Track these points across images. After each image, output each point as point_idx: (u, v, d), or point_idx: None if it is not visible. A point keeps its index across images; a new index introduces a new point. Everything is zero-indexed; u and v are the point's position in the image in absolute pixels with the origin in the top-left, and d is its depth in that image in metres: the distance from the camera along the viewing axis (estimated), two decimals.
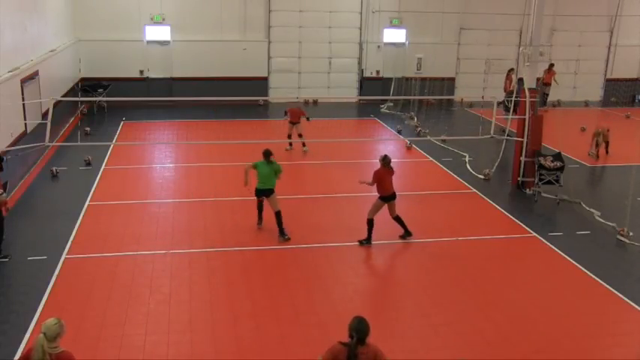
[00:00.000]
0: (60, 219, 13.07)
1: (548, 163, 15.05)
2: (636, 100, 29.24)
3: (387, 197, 12.09)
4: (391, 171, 12.22)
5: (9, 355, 8.31)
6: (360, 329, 6.18)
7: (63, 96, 20.45)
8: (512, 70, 24.85)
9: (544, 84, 26.07)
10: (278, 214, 12.27)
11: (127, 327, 9.07)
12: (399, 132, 21.68)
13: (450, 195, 15.46)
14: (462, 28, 27.87)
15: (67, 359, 6.00)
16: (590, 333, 9.33)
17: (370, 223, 12.09)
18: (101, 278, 10.53)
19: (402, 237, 12.36)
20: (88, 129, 20.59)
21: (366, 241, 12.10)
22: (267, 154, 12.64)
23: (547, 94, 26.53)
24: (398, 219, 12.29)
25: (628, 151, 19.23)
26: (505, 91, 23.83)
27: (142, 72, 25.49)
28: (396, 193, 12.17)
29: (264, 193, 12.40)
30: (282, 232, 12.27)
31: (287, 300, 10.01)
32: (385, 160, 12.17)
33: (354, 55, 27.47)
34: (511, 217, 14.03)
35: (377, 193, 12.08)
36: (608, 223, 13.50)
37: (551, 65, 26.57)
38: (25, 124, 15.76)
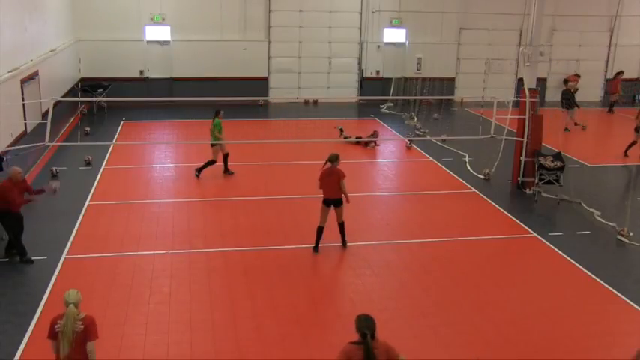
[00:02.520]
0: (60, 219, 13.08)
1: (548, 163, 15.05)
2: (636, 100, 29.24)
3: (329, 202, 11.57)
4: (336, 172, 11.47)
5: (9, 355, 8.32)
6: (369, 325, 6.21)
7: (63, 96, 20.44)
8: (621, 72, 25.48)
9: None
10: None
11: (127, 327, 9.08)
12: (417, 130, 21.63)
13: (450, 195, 15.45)
14: (462, 28, 27.86)
15: (91, 321, 6.71)
16: (590, 333, 9.33)
17: (319, 231, 11.60)
18: (101, 278, 10.54)
19: (342, 244, 12.00)
20: (88, 129, 20.59)
21: (314, 249, 11.68)
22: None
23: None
24: (341, 226, 11.80)
25: (629, 150, 19.24)
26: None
27: (142, 72, 25.49)
28: (342, 200, 11.65)
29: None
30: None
31: (287, 300, 10.01)
32: (330, 159, 11.51)
33: (354, 55, 27.47)
34: (511, 217, 14.03)
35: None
36: (608, 223, 13.50)
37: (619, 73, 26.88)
38: (25, 124, 15.76)
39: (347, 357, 6.11)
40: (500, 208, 14.52)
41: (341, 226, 11.85)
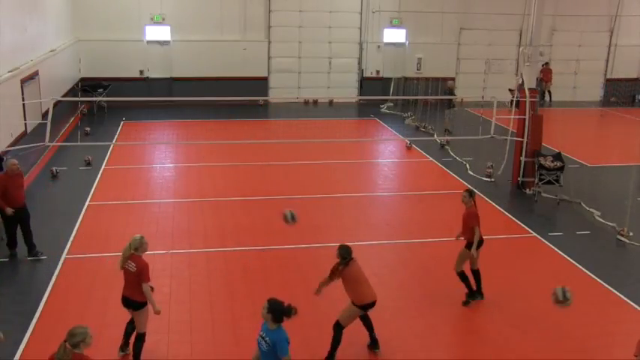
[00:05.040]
0: (60, 219, 13.07)
1: (548, 163, 15.05)
2: (636, 100, 29.25)
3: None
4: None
5: (9, 355, 8.32)
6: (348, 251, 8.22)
7: (63, 96, 20.44)
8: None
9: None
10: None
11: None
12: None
13: (450, 195, 15.43)
14: (462, 28, 27.87)
15: (144, 265, 7.83)
16: (590, 333, 9.33)
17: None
18: (101, 278, 10.53)
19: None
20: (88, 129, 20.59)
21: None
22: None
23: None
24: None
25: (628, 150, 19.24)
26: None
27: (141, 72, 25.49)
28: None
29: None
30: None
31: (287, 300, 9.92)
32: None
33: (354, 55, 27.48)
34: (511, 217, 14.03)
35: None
36: (608, 223, 13.50)
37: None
38: (25, 124, 15.75)
39: (347, 274, 8.21)
40: (500, 208, 14.52)
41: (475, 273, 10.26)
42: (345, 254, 8.20)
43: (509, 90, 19.39)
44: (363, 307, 8.31)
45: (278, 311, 6.34)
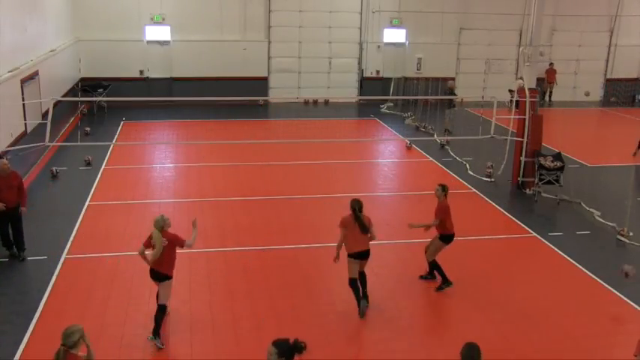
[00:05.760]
0: (60, 219, 13.07)
1: (548, 163, 15.05)
2: (636, 100, 29.25)
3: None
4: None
5: (9, 355, 8.32)
6: (359, 205, 9.45)
7: (63, 96, 20.44)
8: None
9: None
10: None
11: (127, 327, 9.07)
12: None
13: (449, 195, 15.39)
14: (462, 28, 27.87)
15: (173, 235, 8.69)
16: (590, 333, 9.33)
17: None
18: (101, 278, 10.54)
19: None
20: (88, 129, 20.59)
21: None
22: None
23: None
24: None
25: (628, 150, 19.25)
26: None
27: (141, 72, 25.49)
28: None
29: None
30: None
31: (287, 300, 10.01)
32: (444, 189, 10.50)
33: (354, 55, 27.48)
34: (511, 217, 14.03)
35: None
36: (608, 223, 13.50)
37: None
38: (25, 124, 15.75)
39: (345, 224, 9.43)
40: (500, 208, 14.52)
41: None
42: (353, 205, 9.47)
43: (509, 91, 19.42)
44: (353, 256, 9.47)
45: (288, 352, 5.76)
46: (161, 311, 8.72)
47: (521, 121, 15.61)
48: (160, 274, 8.69)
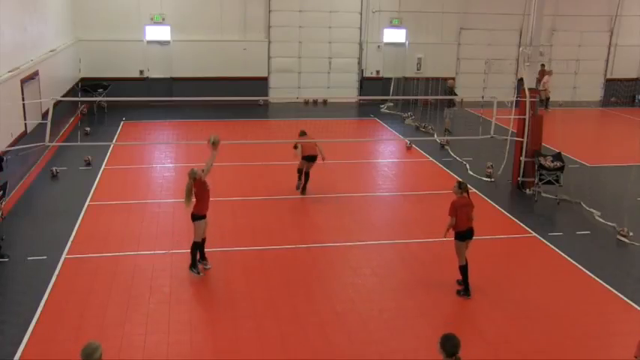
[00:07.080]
0: (60, 219, 13.07)
1: (548, 163, 15.05)
2: (636, 100, 29.25)
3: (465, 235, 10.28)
4: (470, 202, 10.32)
5: (9, 355, 8.32)
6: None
7: (63, 96, 20.43)
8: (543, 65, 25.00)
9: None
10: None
11: (127, 327, 9.07)
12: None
13: (449, 195, 15.38)
14: (462, 28, 27.87)
15: (201, 183, 10.62)
16: (590, 333, 9.33)
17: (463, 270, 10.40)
18: (101, 278, 10.54)
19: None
20: (88, 129, 20.59)
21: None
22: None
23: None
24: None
25: (628, 150, 19.24)
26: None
27: (142, 72, 25.48)
28: None
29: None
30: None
31: (287, 300, 10.01)
32: (462, 187, 10.38)
33: (354, 55, 27.47)
34: (511, 217, 14.03)
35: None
36: (608, 223, 13.50)
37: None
38: (25, 124, 15.75)
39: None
40: (500, 208, 14.52)
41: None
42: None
43: (519, 80, 19.11)
44: None
45: None
46: (194, 247, 10.50)
47: (521, 121, 15.61)
48: (192, 215, 10.51)
